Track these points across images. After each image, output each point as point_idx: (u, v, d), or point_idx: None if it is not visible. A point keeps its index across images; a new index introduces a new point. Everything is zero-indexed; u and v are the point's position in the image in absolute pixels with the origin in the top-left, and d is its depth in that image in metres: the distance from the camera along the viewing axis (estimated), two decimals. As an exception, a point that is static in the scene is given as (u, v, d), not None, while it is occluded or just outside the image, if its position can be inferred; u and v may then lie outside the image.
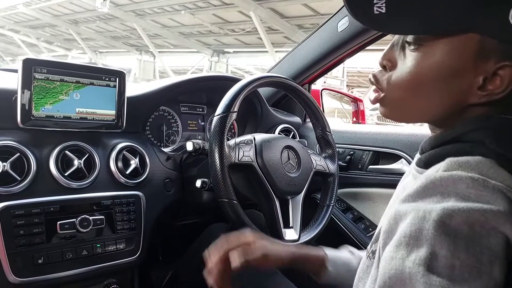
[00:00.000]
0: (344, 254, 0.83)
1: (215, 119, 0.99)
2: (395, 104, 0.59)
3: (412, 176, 0.61)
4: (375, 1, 0.51)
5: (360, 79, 16.33)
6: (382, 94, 0.60)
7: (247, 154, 1.01)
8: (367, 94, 11.84)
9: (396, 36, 0.59)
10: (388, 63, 0.59)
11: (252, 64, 16.46)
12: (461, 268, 0.38)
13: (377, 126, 1.53)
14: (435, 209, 0.41)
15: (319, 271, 0.78)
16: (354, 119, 2.19)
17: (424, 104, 0.56)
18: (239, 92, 1.02)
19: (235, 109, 1.00)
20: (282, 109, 1.64)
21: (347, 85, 13.35)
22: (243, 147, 1.02)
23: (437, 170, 0.49)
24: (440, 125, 0.58)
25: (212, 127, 0.98)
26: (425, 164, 0.56)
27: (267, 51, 11.63)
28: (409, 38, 0.54)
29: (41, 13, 14.15)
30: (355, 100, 2.21)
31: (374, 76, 0.61)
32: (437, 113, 0.55)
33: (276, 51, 11.57)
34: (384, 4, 0.50)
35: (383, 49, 0.61)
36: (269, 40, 10.78)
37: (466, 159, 0.48)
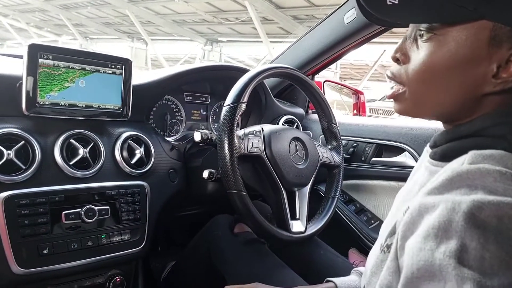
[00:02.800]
0: (353, 279, 0.85)
1: (224, 109, 0.97)
2: (414, 98, 0.58)
3: (424, 169, 0.60)
4: None
5: (352, 71, 16.36)
6: (403, 89, 0.59)
7: (256, 145, 1.00)
8: (360, 86, 11.86)
9: (409, 29, 0.59)
10: (402, 56, 0.58)
11: (245, 54, 16.38)
12: (491, 260, 0.38)
13: (380, 119, 1.53)
14: (464, 200, 0.41)
15: None
16: (355, 111, 2.19)
17: (440, 95, 0.55)
18: (248, 82, 1.01)
19: (245, 100, 0.99)
20: (284, 100, 1.63)
21: (340, 77, 13.36)
22: (252, 138, 1.01)
23: (462, 163, 0.49)
24: (455, 118, 0.57)
25: (222, 117, 0.97)
26: (441, 157, 0.56)
27: (261, 41, 11.56)
28: (422, 28, 0.54)
29: (31, -2, 13.92)
30: (356, 93, 2.20)
31: (391, 71, 0.61)
32: (453, 104, 0.55)
33: (271, 42, 11.51)
34: None
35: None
36: (264, 30, 10.71)
37: (490, 152, 0.48)
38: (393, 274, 0.50)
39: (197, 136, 1.02)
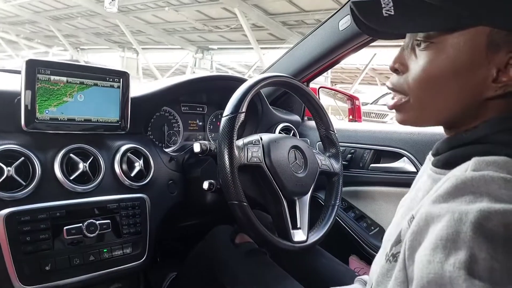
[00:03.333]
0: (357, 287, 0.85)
1: (223, 119, 0.97)
2: (418, 106, 0.58)
3: (427, 177, 0.60)
4: (383, 5, 0.53)
5: (343, 75, 16.43)
6: (405, 98, 0.59)
7: (255, 155, 1.00)
8: (351, 90, 11.92)
9: (406, 39, 0.60)
10: (400, 66, 0.59)
11: (236, 61, 16.40)
12: (501, 271, 0.37)
13: (378, 125, 1.53)
14: (471, 210, 0.41)
15: None
16: (351, 116, 2.20)
17: (442, 102, 0.55)
18: (246, 92, 1.01)
19: (243, 110, 0.99)
20: (280, 107, 1.63)
21: (331, 81, 13.42)
22: (251, 148, 1.01)
23: (466, 170, 0.49)
24: (458, 124, 0.57)
25: (221, 128, 0.97)
26: (444, 165, 0.56)
27: (251, 48, 11.58)
28: (419, 37, 0.55)
29: (21, 10, 13.82)
30: (351, 98, 2.21)
31: (391, 81, 0.61)
32: (455, 110, 0.55)
33: (261, 48, 11.54)
34: (392, 7, 0.52)
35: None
36: (254, 37, 10.74)
37: (493, 158, 0.48)
38: (401, 284, 0.49)
39: (196, 147, 1.02)
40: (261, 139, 1.05)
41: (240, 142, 1.02)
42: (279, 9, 9.77)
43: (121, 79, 1.02)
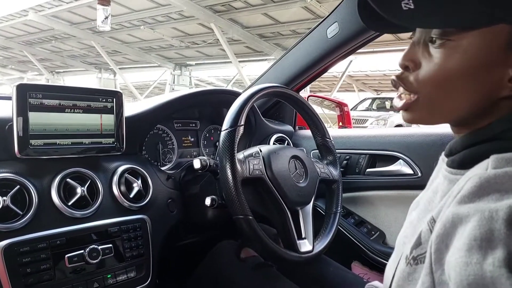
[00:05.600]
0: None
1: (223, 133, 0.96)
2: (428, 105, 0.56)
3: (443, 178, 0.59)
4: None
5: (321, 84, 16.62)
6: (415, 96, 0.57)
7: (257, 167, 0.99)
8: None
9: (417, 34, 0.57)
10: (411, 64, 0.57)
11: (214, 75, 16.46)
12: None
13: (371, 129, 1.54)
14: (500, 207, 0.40)
15: None
16: (340, 123, 2.20)
17: (456, 100, 0.54)
18: (244, 104, 1.00)
19: (242, 123, 0.98)
20: (271, 118, 1.62)
21: (310, 91, 13.53)
22: (252, 160, 1.00)
23: (486, 168, 0.48)
24: (471, 122, 0.56)
25: (221, 142, 0.95)
26: (459, 165, 0.55)
27: (229, 62, 11.62)
28: (434, 34, 0.53)
29: (-9, 36, 13.65)
30: (340, 105, 2.22)
31: (399, 77, 0.58)
32: (468, 109, 0.54)
33: (240, 61, 11.58)
34: (411, 1, 0.49)
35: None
36: (232, 50, 10.78)
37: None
38: None
39: (196, 164, 0.99)
40: (261, 151, 1.04)
41: (240, 155, 1.00)
42: (255, 22, 9.85)
43: (114, 99, 0.99)
